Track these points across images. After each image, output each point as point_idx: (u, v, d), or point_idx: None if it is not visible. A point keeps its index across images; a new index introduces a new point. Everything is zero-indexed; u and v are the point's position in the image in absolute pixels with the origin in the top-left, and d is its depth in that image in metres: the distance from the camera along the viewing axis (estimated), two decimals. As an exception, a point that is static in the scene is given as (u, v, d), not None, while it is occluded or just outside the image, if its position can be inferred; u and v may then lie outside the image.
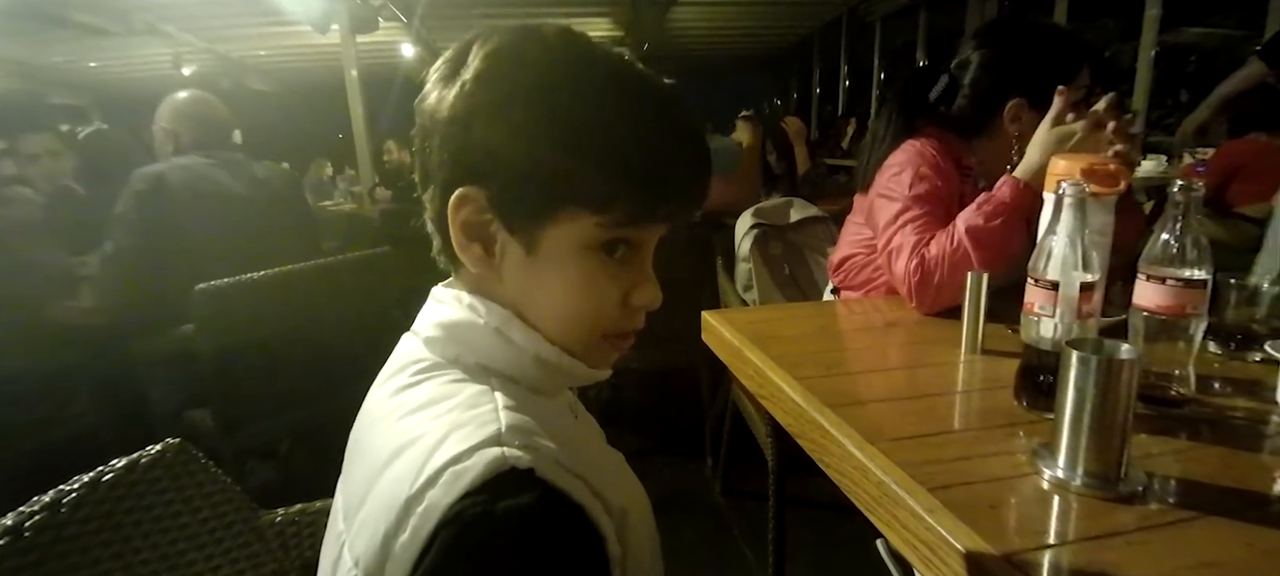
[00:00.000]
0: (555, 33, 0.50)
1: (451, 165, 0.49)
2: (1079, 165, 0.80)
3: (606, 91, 0.48)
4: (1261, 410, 0.73)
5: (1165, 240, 0.70)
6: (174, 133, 1.93)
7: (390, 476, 0.44)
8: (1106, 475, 0.56)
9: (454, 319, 0.52)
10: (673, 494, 2.14)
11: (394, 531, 0.41)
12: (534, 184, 0.48)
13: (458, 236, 0.50)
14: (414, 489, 0.41)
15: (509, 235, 0.50)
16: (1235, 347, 0.88)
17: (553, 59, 0.49)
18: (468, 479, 0.41)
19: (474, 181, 0.49)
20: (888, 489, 0.59)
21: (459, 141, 0.49)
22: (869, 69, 7.12)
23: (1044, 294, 0.69)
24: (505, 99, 0.47)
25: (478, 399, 0.47)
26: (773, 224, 1.78)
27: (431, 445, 0.43)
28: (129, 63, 7.25)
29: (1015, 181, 1.05)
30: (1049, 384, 0.68)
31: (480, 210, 0.49)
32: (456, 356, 0.51)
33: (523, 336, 0.51)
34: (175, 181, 1.78)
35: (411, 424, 0.46)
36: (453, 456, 0.42)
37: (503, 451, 0.42)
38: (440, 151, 0.49)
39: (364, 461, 0.49)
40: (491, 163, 0.48)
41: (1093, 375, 0.54)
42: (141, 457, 0.68)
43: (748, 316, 1.18)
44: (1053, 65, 1.14)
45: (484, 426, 0.44)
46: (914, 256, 1.07)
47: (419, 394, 0.49)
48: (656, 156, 0.49)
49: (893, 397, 0.81)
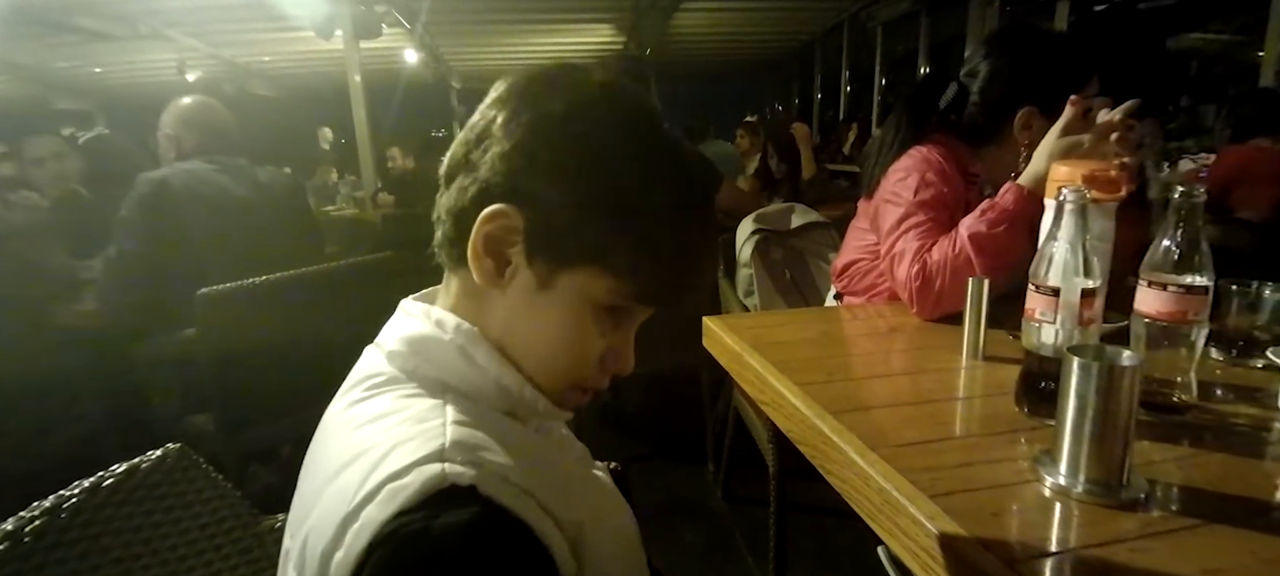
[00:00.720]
0: (629, 95, 0.53)
1: (502, 180, 0.50)
2: (1080, 171, 0.80)
3: (661, 180, 0.50)
4: (1264, 417, 0.73)
5: (1166, 246, 0.69)
6: (177, 138, 1.94)
7: (333, 491, 0.43)
8: (1108, 482, 0.56)
9: (417, 333, 0.52)
10: (674, 499, 2.13)
11: (331, 548, 0.41)
12: (573, 235, 0.49)
13: (477, 243, 0.50)
14: (352, 505, 0.41)
15: (526, 264, 0.50)
16: (1237, 354, 0.88)
17: (625, 127, 0.51)
18: (405, 495, 0.40)
19: (516, 202, 0.49)
20: (889, 496, 0.59)
21: (518, 166, 0.49)
22: (870, 75, 7.13)
23: (1045, 300, 0.69)
24: (572, 153, 0.49)
25: (428, 413, 0.47)
26: (774, 229, 1.78)
27: (375, 460, 0.43)
28: (134, 68, 7.28)
29: (1019, 189, 1.05)
30: (1050, 390, 0.68)
31: (509, 230, 0.50)
32: (414, 369, 0.51)
33: (486, 359, 0.51)
34: (178, 186, 1.79)
35: (360, 437, 0.46)
36: (392, 472, 0.41)
37: (443, 467, 0.41)
38: (495, 162, 0.50)
39: (314, 475, 0.49)
40: (541, 199, 0.49)
41: (1094, 382, 0.54)
42: (142, 463, 0.68)
43: (749, 322, 1.18)
44: (1064, 73, 1.14)
45: (429, 441, 0.43)
46: (916, 262, 1.07)
47: (372, 407, 0.49)
48: (687, 252, 0.52)
49: (894, 403, 0.80)
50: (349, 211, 4.36)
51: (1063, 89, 1.12)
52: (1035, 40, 1.24)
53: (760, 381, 0.90)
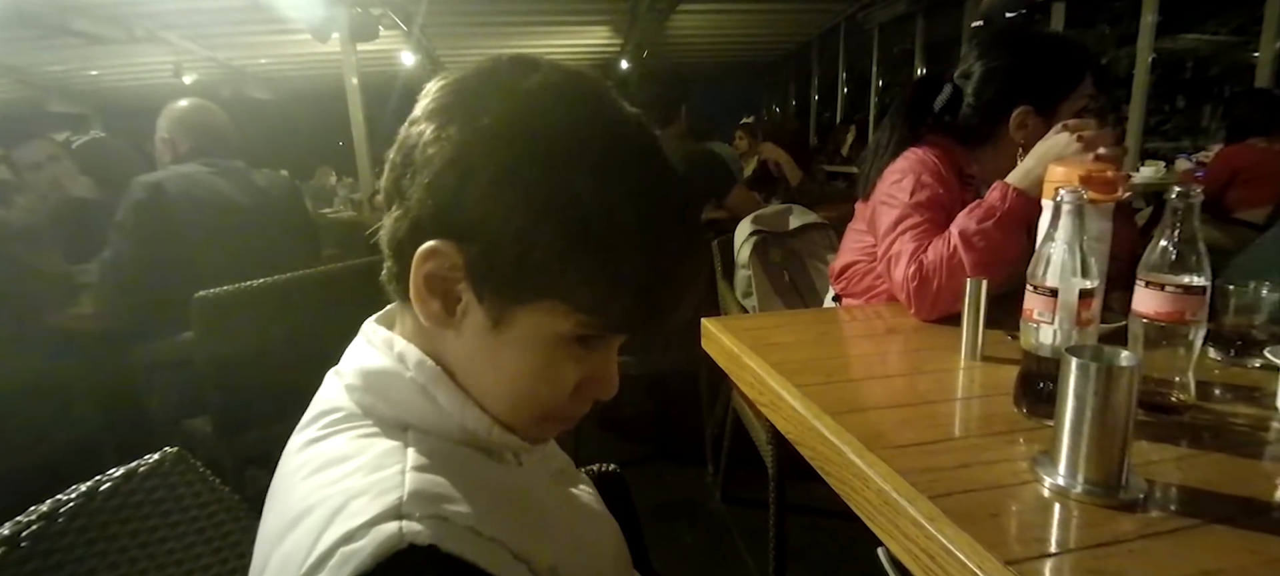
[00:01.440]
0: (581, 96, 0.45)
1: (433, 213, 0.44)
2: (1077, 172, 0.80)
3: (624, 190, 0.43)
4: (1262, 416, 0.73)
5: (1164, 246, 0.70)
6: (172, 141, 1.94)
7: (284, 549, 0.40)
8: (1107, 482, 0.56)
9: (376, 366, 0.48)
10: (673, 500, 2.13)
11: None
12: (521, 268, 0.43)
13: (417, 286, 0.45)
14: (304, 570, 0.38)
15: (476, 302, 0.45)
16: (1235, 353, 0.88)
17: (575, 135, 0.43)
18: (358, 560, 0.37)
19: (453, 237, 0.44)
20: (888, 497, 0.59)
21: (448, 191, 0.43)
22: (867, 76, 7.15)
23: (1043, 300, 0.69)
24: (511, 167, 0.42)
25: (384, 459, 0.43)
26: (772, 231, 1.78)
27: (326, 517, 0.39)
28: (129, 71, 7.26)
29: (1004, 186, 1.06)
30: (1049, 391, 0.68)
31: (450, 268, 0.44)
32: (371, 406, 0.47)
33: (449, 400, 0.47)
34: (174, 189, 1.78)
35: (312, 487, 0.42)
36: (344, 534, 0.38)
37: (400, 526, 0.38)
38: (424, 192, 0.44)
39: (269, 521, 0.46)
40: (479, 228, 0.43)
41: (1092, 382, 0.54)
42: (139, 467, 0.68)
43: (747, 323, 1.18)
44: (1057, 73, 1.17)
45: (384, 495, 0.40)
46: (913, 262, 1.07)
47: (326, 449, 0.45)
48: (662, 277, 0.45)
49: (893, 404, 0.80)
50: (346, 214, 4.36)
51: (1057, 88, 1.14)
52: (1028, 41, 1.25)
53: (759, 383, 0.90)
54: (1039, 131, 1.14)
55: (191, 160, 1.89)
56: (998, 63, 1.22)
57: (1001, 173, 1.16)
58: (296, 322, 1.68)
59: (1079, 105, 1.16)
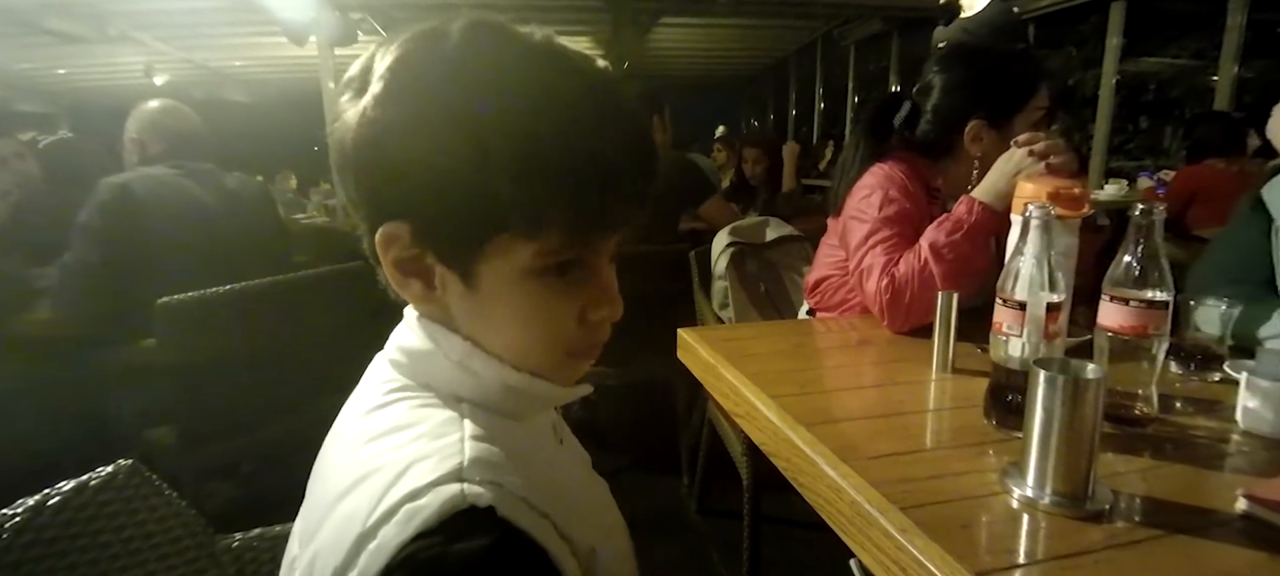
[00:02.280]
0: (463, 28, 0.44)
1: (370, 200, 0.46)
2: (1045, 188, 0.82)
3: (527, 94, 0.43)
4: (1222, 429, 0.75)
5: (1128, 262, 0.71)
6: (141, 142, 1.89)
7: (346, 507, 0.41)
8: (1074, 494, 0.56)
9: (418, 347, 0.49)
10: (648, 512, 2.11)
11: (344, 567, 0.39)
12: (456, 212, 0.44)
13: (392, 275, 0.47)
14: (368, 524, 0.39)
15: (445, 268, 0.47)
16: (1196, 367, 0.90)
17: (462, 62, 0.43)
18: (423, 517, 0.38)
19: (396, 216, 0.45)
20: (861, 509, 0.59)
21: (371, 173, 0.45)
22: (844, 91, 7.26)
23: (1012, 314, 0.70)
24: (411, 117, 0.43)
25: (445, 427, 0.45)
26: (749, 242, 1.79)
27: (391, 478, 0.41)
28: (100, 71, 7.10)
29: (970, 200, 1.09)
30: (1018, 403, 0.69)
31: (408, 246, 0.46)
32: (428, 382, 0.49)
33: (485, 366, 0.48)
34: (141, 191, 1.73)
35: (374, 451, 0.44)
36: (410, 492, 0.39)
37: (463, 488, 0.40)
38: (356, 187, 0.46)
39: (325, 485, 0.47)
40: (408, 193, 0.44)
41: (1060, 394, 0.55)
42: (91, 480, 0.65)
43: (723, 334, 1.19)
44: (1010, 87, 1.19)
45: (446, 459, 0.42)
46: (884, 276, 1.09)
47: (387, 417, 0.47)
48: (592, 166, 0.43)
49: (866, 416, 0.81)
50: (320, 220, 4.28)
51: (1009, 101, 1.17)
52: (982, 55, 1.28)
53: (734, 393, 0.90)
54: (994, 144, 1.17)
55: (161, 162, 1.84)
56: (952, 77, 1.24)
57: (964, 185, 1.19)
58: (264, 331, 1.65)
59: (1033, 117, 1.18)
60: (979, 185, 1.11)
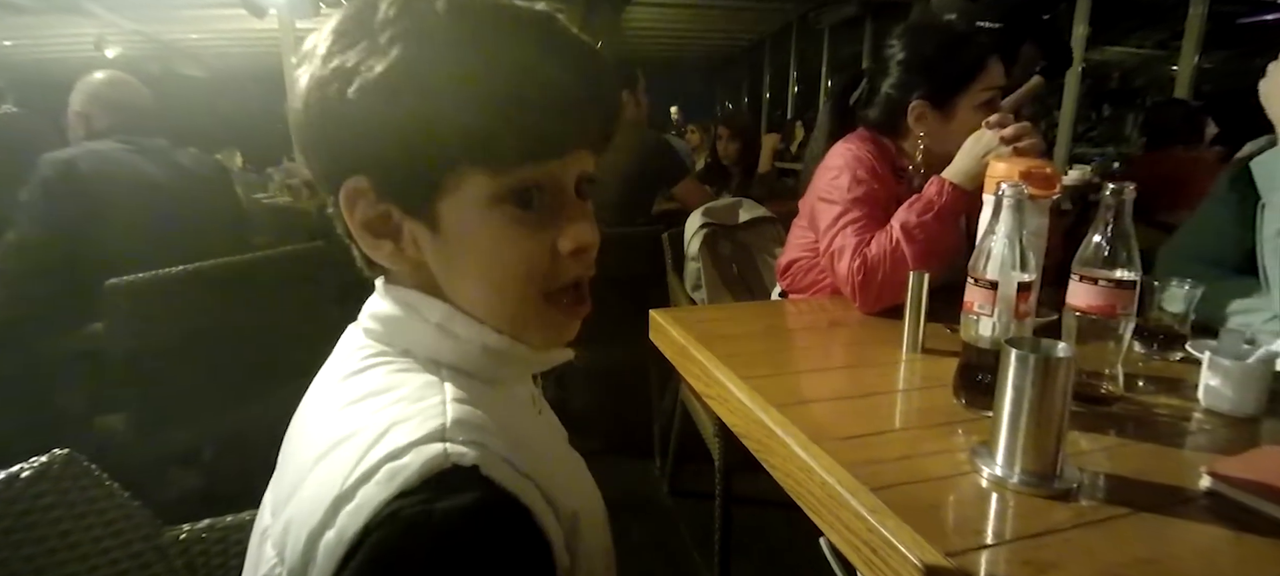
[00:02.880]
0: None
1: (328, 160, 0.46)
2: (1018, 168, 0.82)
3: (467, 29, 0.43)
4: (1185, 407, 0.76)
5: (1098, 242, 0.71)
6: (87, 116, 1.79)
7: (324, 470, 0.40)
8: (1043, 472, 0.56)
9: (393, 314, 0.48)
10: (621, 495, 2.09)
11: (321, 529, 0.38)
12: (409, 153, 0.43)
13: (362, 237, 0.47)
14: (346, 485, 0.38)
15: (411, 220, 0.46)
16: (1158, 347, 0.91)
17: (393, 10, 0.44)
18: (405, 475, 0.37)
19: (355, 171, 0.45)
20: (831, 489, 0.58)
21: (325, 130, 0.45)
22: (818, 75, 7.27)
23: (983, 293, 0.70)
24: (353, 67, 0.43)
25: (425, 390, 0.44)
26: (722, 223, 1.77)
27: (370, 439, 0.40)
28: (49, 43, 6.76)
29: (940, 181, 1.09)
30: (987, 382, 0.69)
31: (373, 202, 0.46)
32: (406, 348, 0.48)
33: (465, 328, 0.47)
34: (87, 168, 1.65)
35: (352, 415, 0.43)
36: (391, 451, 0.39)
37: (445, 447, 0.39)
38: (314, 153, 0.46)
39: (299, 452, 0.46)
40: (361, 142, 0.44)
41: (1031, 373, 0.54)
42: (22, 470, 0.61)
43: (695, 315, 1.17)
44: (952, 67, 1.16)
45: (428, 420, 0.41)
46: (856, 257, 1.08)
47: (365, 382, 0.46)
48: (537, 86, 0.43)
49: (837, 397, 0.80)
50: (282, 199, 4.15)
51: (951, 82, 1.15)
52: (924, 34, 1.23)
53: (706, 375, 0.89)
54: (937, 125, 1.17)
55: (108, 137, 1.75)
56: (897, 56, 1.22)
57: (927, 163, 1.18)
58: (221, 314, 1.58)
59: (982, 98, 1.15)
60: (950, 166, 1.11)
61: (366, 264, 0.50)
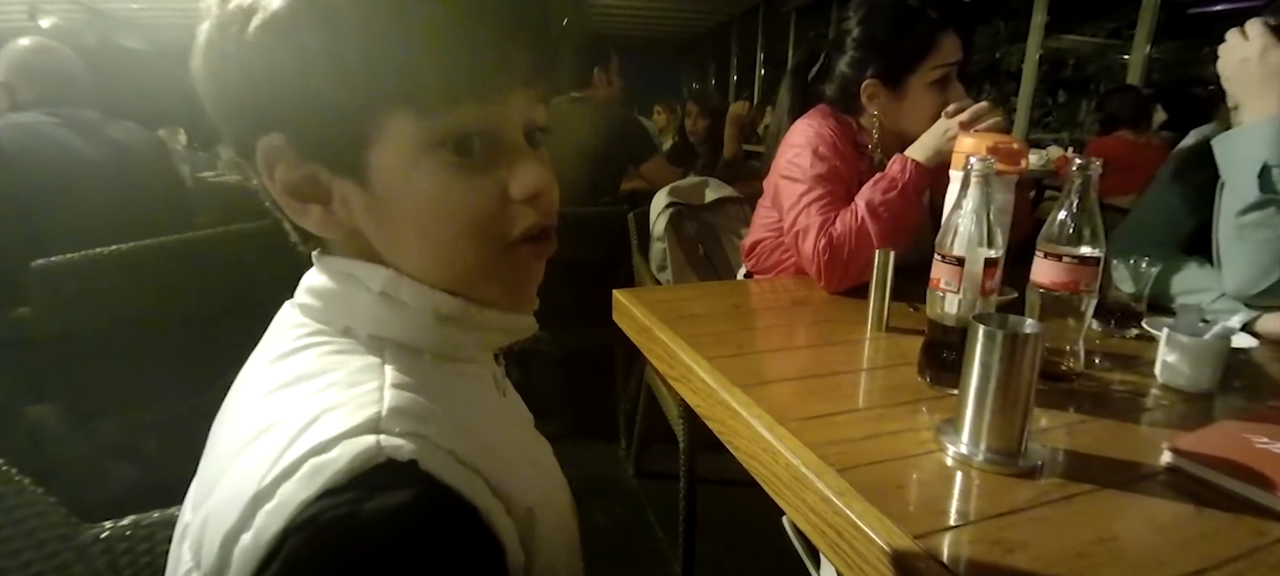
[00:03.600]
0: None
1: (236, 119, 0.41)
2: (985, 143, 0.81)
3: None
4: (1142, 384, 0.76)
5: (1062, 219, 0.71)
6: (9, 86, 1.67)
7: (244, 463, 0.36)
8: (1008, 450, 0.55)
9: (330, 287, 0.43)
10: (585, 477, 2.09)
11: (237, 530, 0.34)
12: (320, 97, 0.38)
13: (287, 204, 0.42)
14: (266, 481, 0.34)
15: (339, 178, 0.41)
16: (1115, 325, 0.92)
17: None
18: (330, 472, 0.33)
19: (267, 127, 0.40)
20: (796, 471, 0.56)
21: (227, 82, 0.40)
22: (784, 59, 7.28)
23: (950, 270, 0.69)
24: (252, 3, 0.38)
25: (362, 374, 0.39)
26: (688, 203, 1.75)
27: (296, 429, 0.35)
28: (-30, 10, 6.33)
29: (903, 159, 1.08)
30: (953, 360, 0.68)
31: (293, 162, 0.41)
32: (346, 326, 0.43)
33: (413, 294, 0.42)
34: (9, 143, 1.54)
35: (279, 401, 0.38)
36: (315, 445, 0.34)
37: (378, 439, 0.35)
38: (222, 112, 0.41)
39: (221, 442, 0.41)
40: (268, 92, 0.39)
41: (999, 350, 0.53)
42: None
43: (659, 295, 1.15)
44: (902, 45, 1.13)
45: (361, 409, 0.36)
46: (822, 236, 1.07)
47: (296, 364, 0.41)
48: (464, 11, 0.38)
49: (801, 376, 0.79)
50: (231, 178, 3.97)
51: (902, 61, 1.13)
52: (875, 10, 1.19)
53: (669, 355, 0.86)
54: (889, 104, 1.16)
55: (35, 109, 1.64)
56: (851, 33, 1.20)
57: (882, 142, 1.18)
58: (159, 296, 1.50)
59: (934, 76, 1.12)
60: (914, 144, 1.10)
61: (300, 237, 0.45)
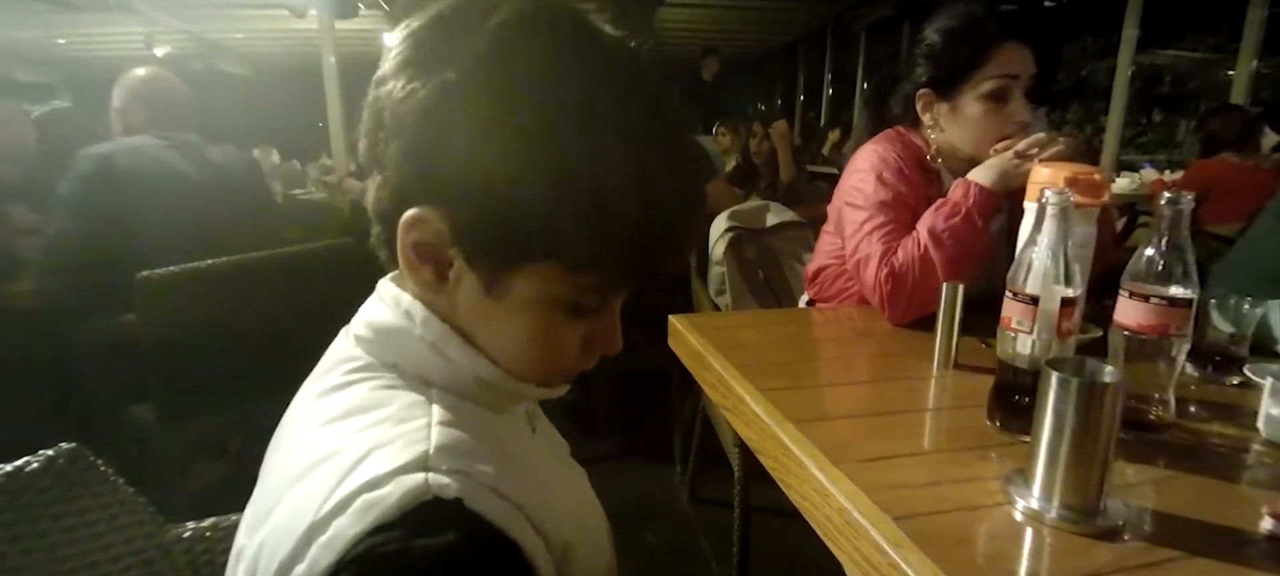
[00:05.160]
0: (554, 28, 0.41)
1: (413, 179, 0.42)
2: (1063, 173, 0.76)
3: (619, 128, 0.40)
4: (1242, 437, 0.70)
5: (1150, 255, 0.66)
6: (124, 111, 1.84)
7: (298, 494, 0.38)
8: (1085, 508, 0.51)
9: (387, 323, 0.46)
10: (640, 500, 2.08)
11: (292, 560, 0.36)
12: (509, 226, 0.40)
13: (406, 255, 0.44)
14: (320, 514, 0.36)
15: (467, 267, 0.44)
16: (1213, 370, 0.85)
17: (551, 75, 0.40)
18: (381, 508, 0.35)
19: (436, 202, 0.41)
20: (850, 517, 0.54)
21: (424, 155, 0.41)
22: (853, 77, 7.14)
23: (1022, 308, 0.65)
24: (486, 121, 0.39)
25: (410, 411, 0.42)
26: (748, 227, 1.73)
27: (349, 464, 0.38)
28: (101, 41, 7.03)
29: (967, 183, 1.04)
30: (1025, 405, 0.64)
31: (437, 235, 0.42)
32: (394, 363, 0.45)
33: (461, 355, 0.45)
34: (122, 164, 1.69)
35: (332, 434, 0.41)
36: (369, 480, 0.36)
37: (427, 477, 0.37)
38: (401, 156, 0.41)
39: (277, 470, 0.44)
40: (462, 188, 0.40)
41: (1073, 399, 0.50)
42: (28, 464, 0.61)
43: (715, 322, 1.14)
44: (955, 55, 1.10)
45: (411, 446, 0.39)
46: (884, 265, 1.03)
47: (347, 398, 0.43)
48: (658, 221, 0.42)
49: (860, 414, 0.76)
50: (318, 196, 4.23)
51: (956, 71, 1.09)
52: (940, 16, 1.15)
53: (723, 385, 0.85)
54: (946, 116, 1.12)
55: (144, 133, 1.79)
56: (918, 45, 1.17)
57: (942, 155, 1.15)
58: (249, 307, 1.60)
59: (988, 87, 1.06)
60: (977, 167, 1.06)
61: (387, 253, 0.46)
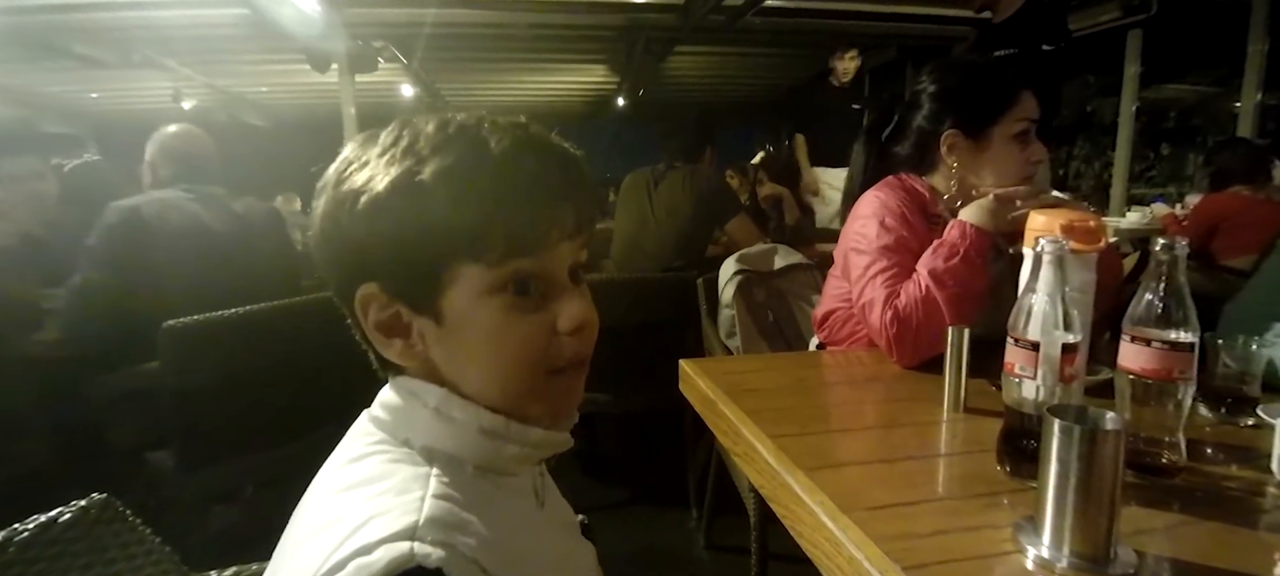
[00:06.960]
0: (394, 124, 0.52)
1: (342, 272, 0.51)
2: (1058, 220, 0.78)
3: (442, 145, 0.49)
4: (1257, 480, 0.69)
5: (1149, 299, 0.67)
6: (153, 165, 1.91)
7: (304, 554, 0.43)
8: (1094, 555, 0.52)
9: (397, 403, 0.52)
10: (655, 547, 2.05)
11: None
12: (409, 254, 0.48)
13: (376, 338, 0.51)
14: (318, 574, 0.40)
15: (418, 316, 0.50)
16: (1226, 411, 0.85)
17: (389, 140, 0.50)
18: (370, 572, 0.39)
19: (366, 278, 0.49)
20: (860, 567, 0.55)
21: (340, 246, 0.50)
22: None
23: (1025, 354, 0.66)
24: (361, 187, 0.48)
25: (410, 483, 0.46)
26: (756, 270, 1.75)
27: (349, 529, 0.42)
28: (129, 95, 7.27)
29: (962, 224, 1.07)
30: (1033, 449, 0.64)
31: (384, 304, 0.50)
32: (406, 438, 0.50)
33: (463, 412, 0.50)
34: (148, 215, 1.75)
35: (340, 502, 0.45)
36: (362, 546, 0.40)
37: (412, 547, 0.40)
38: (333, 267, 0.51)
39: (294, 531, 0.48)
40: (369, 252, 0.49)
41: (1076, 447, 0.50)
42: (61, 515, 0.63)
43: (725, 367, 1.15)
44: (984, 97, 1.17)
45: (404, 516, 0.42)
46: (888, 309, 1.05)
47: (361, 469, 0.48)
48: (518, 184, 0.48)
49: (870, 460, 0.76)
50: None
51: (984, 112, 1.15)
52: (958, 66, 1.27)
53: (733, 431, 0.86)
54: (970, 154, 1.16)
55: (171, 186, 1.86)
56: (929, 88, 1.23)
57: (961, 195, 1.18)
58: (267, 356, 1.63)
59: (1015, 129, 1.15)
60: (969, 206, 1.09)
61: (381, 365, 0.54)
